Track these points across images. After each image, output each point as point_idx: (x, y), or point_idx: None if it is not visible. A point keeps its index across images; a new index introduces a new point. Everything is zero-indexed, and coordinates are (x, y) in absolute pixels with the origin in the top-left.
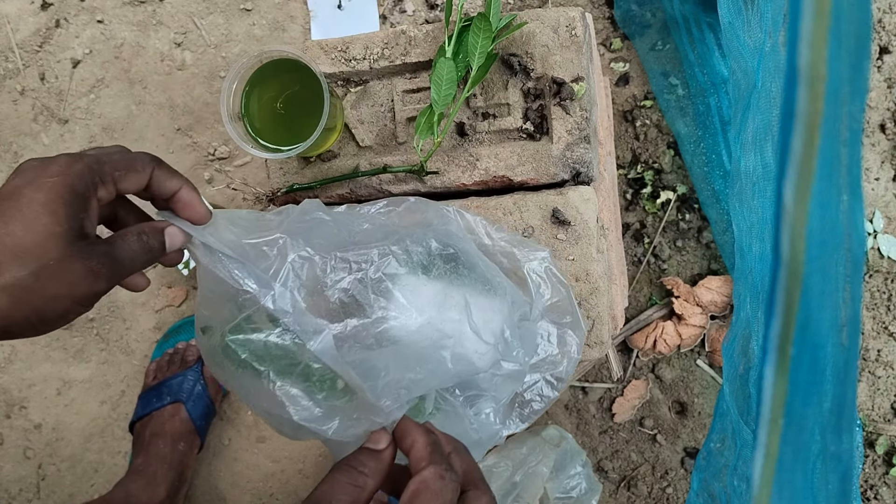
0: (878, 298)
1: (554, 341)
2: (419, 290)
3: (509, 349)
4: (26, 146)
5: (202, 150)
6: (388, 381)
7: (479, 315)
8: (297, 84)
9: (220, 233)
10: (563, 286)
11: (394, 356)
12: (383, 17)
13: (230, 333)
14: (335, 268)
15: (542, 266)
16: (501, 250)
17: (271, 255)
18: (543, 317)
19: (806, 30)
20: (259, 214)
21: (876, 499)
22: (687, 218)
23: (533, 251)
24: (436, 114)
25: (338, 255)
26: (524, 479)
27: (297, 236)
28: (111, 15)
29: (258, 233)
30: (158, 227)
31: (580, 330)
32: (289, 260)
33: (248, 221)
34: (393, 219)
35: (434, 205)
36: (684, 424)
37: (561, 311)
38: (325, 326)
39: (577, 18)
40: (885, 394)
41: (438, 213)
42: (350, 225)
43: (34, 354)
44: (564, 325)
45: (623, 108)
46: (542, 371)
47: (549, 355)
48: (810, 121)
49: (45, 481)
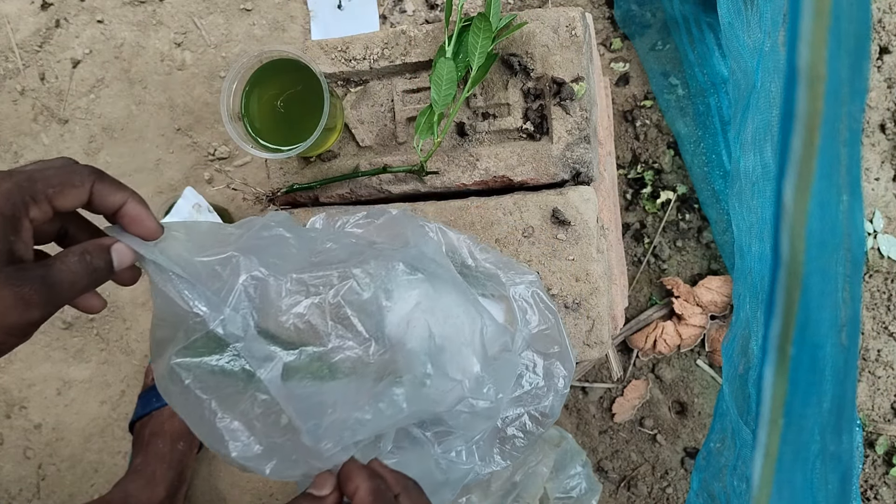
0: (878, 298)
1: (540, 373)
2: (380, 319)
3: (479, 386)
4: (26, 146)
5: (202, 150)
6: (333, 421)
7: (444, 348)
8: (297, 84)
9: (171, 249)
10: (552, 313)
11: (344, 391)
12: (383, 17)
13: (176, 356)
14: (291, 291)
15: (530, 291)
16: (485, 272)
17: (224, 275)
18: (528, 346)
19: (806, 30)
20: (218, 227)
21: (876, 499)
22: (687, 218)
23: (520, 274)
24: (436, 114)
25: (294, 276)
26: (524, 479)
27: (252, 254)
28: (111, 15)
29: (214, 248)
30: (104, 244)
31: (569, 362)
32: (240, 281)
33: (205, 235)
34: (370, 232)
35: (415, 220)
36: (684, 424)
37: (548, 340)
38: (277, 354)
39: (577, 18)
40: (885, 394)
41: (418, 230)
42: (312, 243)
43: (34, 354)
44: (552, 355)
45: (623, 108)
46: (525, 405)
47: (533, 387)
48: (810, 121)
49: (45, 481)
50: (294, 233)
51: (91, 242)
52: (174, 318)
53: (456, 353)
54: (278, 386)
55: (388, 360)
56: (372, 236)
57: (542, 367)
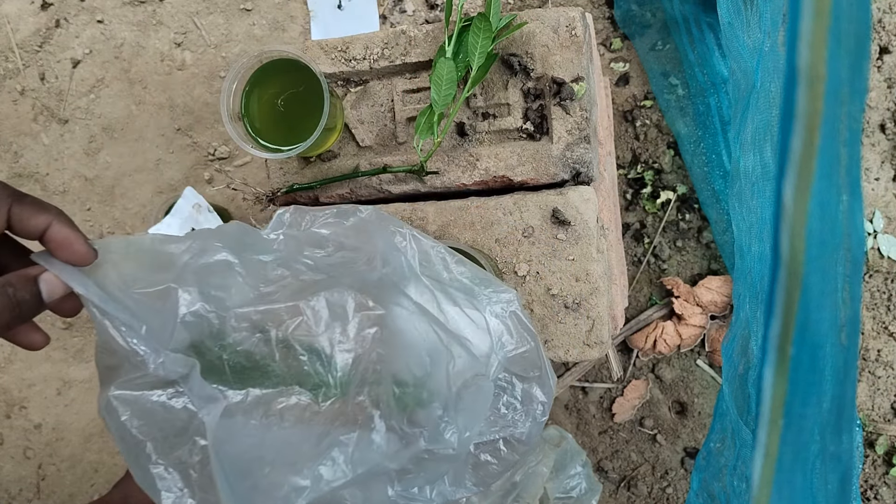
0: (878, 298)
1: (518, 396)
2: (331, 361)
3: (439, 434)
4: (26, 146)
5: (202, 150)
6: (265, 486)
7: (401, 397)
8: (297, 84)
9: (107, 278)
10: (531, 335)
11: (287, 444)
12: (383, 17)
13: (116, 387)
14: (235, 328)
15: (507, 310)
16: (460, 287)
17: (163, 310)
18: (506, 369)
19: (805, 30)
20: (160, 244)
21: (876, 499)
22: (687, 218)
23: (497, 292)
24: (436, 114)
25: (238, 311)
26: (524, 479)
27: (192, 285)
28: (111, 15)
29: (153, 275)
30: (29, 275)
31: (548, 388)
32: (179, 318)
33: (146, 255)
34: (338, 234)
35: (386, 225)
36: (684, 424)
37: (527, 363)
38: (220, 396)
39: (577, 18)
40: (885, 394)
41: (388, 237)
42: (262, 270)
43: (34, 354)
44: (531, 378)
45: (623, 108)
46: (501, 430)
47: (510, 411)
48: (810, 121)
49: (45, 481)
50: (242, 257)
51: (15, 274)
52: (118, 349)
53: (414, 399)
54: (214, 433)
55: (338, 410)
56: (340, 238)
57: (521, 390)
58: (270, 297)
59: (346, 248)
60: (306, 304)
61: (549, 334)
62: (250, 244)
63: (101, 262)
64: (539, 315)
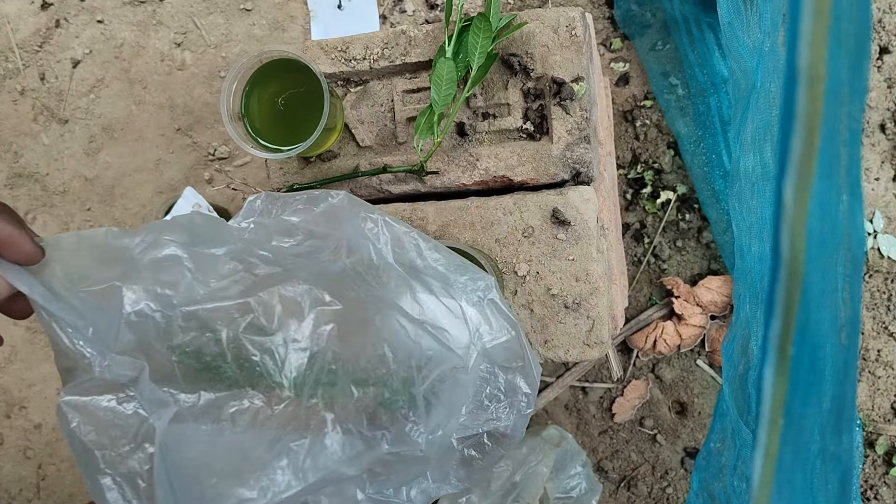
0: (878, 298)
1: (501, 388)
2: (285, 361)
3: (405, 433)
4: (26, 146)
5: (202, 150)
6: (210, 498)
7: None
8: (298, 84)
9: (54, 277)
10: (511, 324)
11: (237, 451)
12: (383, 17)
13: (66, 393)
14: (182, 327)
15: (485, 298)
16: (435, 275)
17: (109, 310)
18: (487, 359)
19: (805, 30)
20: (113, 238)
21: (876, 499)
22: (687, 218)
23: (474, 279)
24: (436, 114)
25: (184, 310)
26: (524, 479)
27: (137, 283)
28: (111, 15)
29: (102, 271)
30: None
31: (532, 378)
32: (123, 318)
33: (97, 251)
34: (308, 221)
35: (357, 211)
36: (684, 424)
37: (509, 353)
38: (170, 400)
39: (577, 18)
40: (885, 394)
41: (357, 224)
42: (214, 264)
43: (34, 354)
44: (514, 369)
45: (623, 108)
46: (484, 423)
47: (493, 404)
48: (810, 121)
49: (45, 481)
50: (192, 252)
51: None
52: (66, 351)
53: (376, 399)
54: (162, 440)
55: (292, 413)
56: (310, 226)
57: (504, 381)
58: (221, 294)
59: (315, 237)
60: (258, 300)
61: (549, 334)
62: (208, 236)
63: (50, 259)
64: (539, 315)
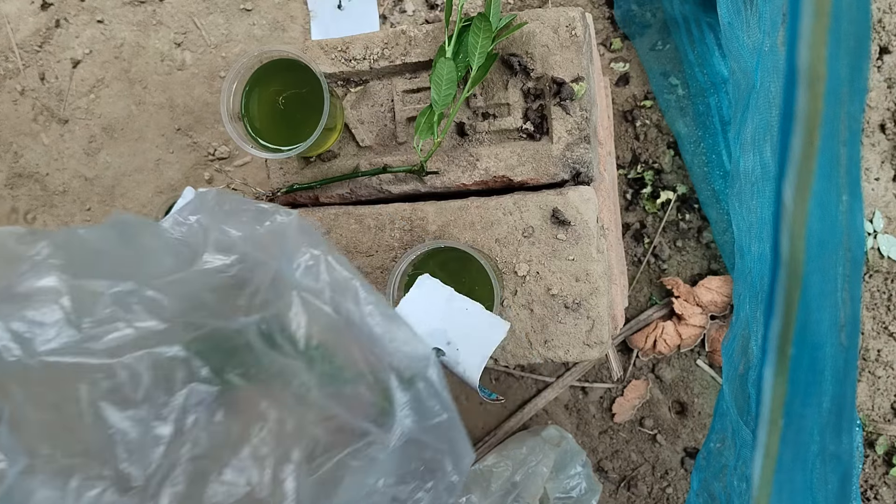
0: (878, 298)
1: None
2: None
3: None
4: (26, 146)
5: (202, 150)
6: None
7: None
8: (298, 84)
9: None
10: (445, 406)
11: None
12: (383, 17)
13: None
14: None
15: (425, 370)
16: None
17: None
18: (411, 438)
19: (805, 30)
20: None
21: (876, 499)
22: (687, 218)
23: (409, 344)
24: (436, 114)
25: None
26: (524, 479)
27: (1, 319)
28: (111, 15)
29: None
30: None
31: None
32: None
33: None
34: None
35: (299, 244)
36: (684, 424)
37: (440, 434)
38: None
39: (577, 18)
40: (885, 394)
41: (290, 260)
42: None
43: None
44: (443, 451)
45: (623, 108)
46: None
47: (413, 491)
48: (810, 121)
49: None
50: (72, 287)
51: None
52: None
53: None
54: (7, 491)
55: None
56: (248, 247)
57: (426, 463)
58: (88, 346)
59: (246, 263)
60: (124, 364)
61: (549, 334)
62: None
63: None
64: (539, 315)
